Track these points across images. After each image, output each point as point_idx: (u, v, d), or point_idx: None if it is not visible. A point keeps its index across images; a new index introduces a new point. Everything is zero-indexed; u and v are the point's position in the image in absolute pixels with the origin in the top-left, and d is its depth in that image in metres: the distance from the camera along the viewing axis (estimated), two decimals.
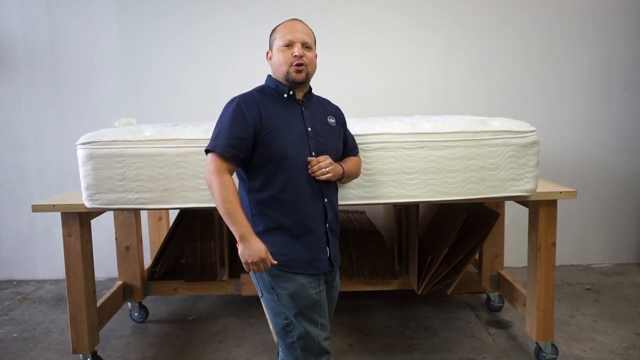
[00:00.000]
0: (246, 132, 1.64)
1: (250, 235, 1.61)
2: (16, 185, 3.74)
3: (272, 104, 1.72)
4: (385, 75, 3.70)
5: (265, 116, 1.68)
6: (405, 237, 2.89)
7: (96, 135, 2.09)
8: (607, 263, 3.92)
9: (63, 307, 3.24)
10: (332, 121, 1.83)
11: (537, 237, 2.28)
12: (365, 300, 3.21)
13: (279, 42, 1.73)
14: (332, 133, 1.81)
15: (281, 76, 1.74)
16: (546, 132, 3.64)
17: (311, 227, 1.70)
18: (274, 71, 1.78)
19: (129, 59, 3.66)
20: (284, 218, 1.68)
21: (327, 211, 1.73)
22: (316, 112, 1.80)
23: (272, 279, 1.69)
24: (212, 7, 3.61)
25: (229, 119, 1.66)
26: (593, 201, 3.84)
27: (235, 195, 1.62)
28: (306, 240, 1.70)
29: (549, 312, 2.32)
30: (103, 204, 2.09)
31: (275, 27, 1.79)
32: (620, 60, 3.74)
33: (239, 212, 1.61)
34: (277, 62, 1.73)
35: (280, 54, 1.72)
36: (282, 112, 1.71)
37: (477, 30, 3.69)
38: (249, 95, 1.74)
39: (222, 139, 1.64)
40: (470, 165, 2.11)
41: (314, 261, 1.71)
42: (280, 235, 1.68)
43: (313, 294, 1.69)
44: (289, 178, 1.66)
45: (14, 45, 3.63)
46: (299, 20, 1.79)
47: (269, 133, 1.66)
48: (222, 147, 1.63)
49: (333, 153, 1.78)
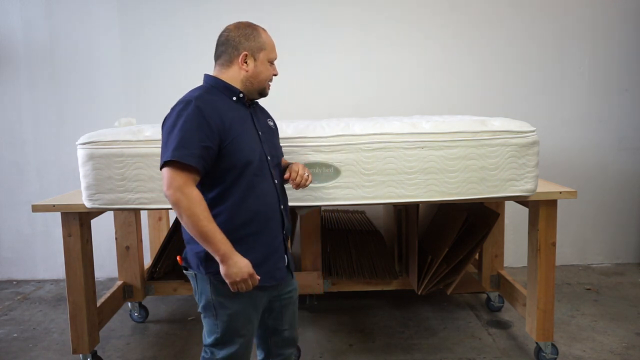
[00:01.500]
0: (212, 140, 1.49)
1: (233, 252, 1.49)
2: (16, 185, 3.74)
3: (227, 108, 1.59)
4: (385, 76, 3.70)
5: (228, 122, 1.55)
6: (405, 237, 2.89)
7: (96, 135, 2.09)
8: (607, 263, 3.92)
9: (63, 307, 3.24)
10: (271, 124, 1.79)
11: (537, 237, 2.28)
12: (365, 300, 3.21)
13: (269, 55, 1.66)
14: (275, 136, 1.78)
15: (256, 87, 1.65)
16: (546, 132, 3.64)
17: (270, 237, 1.63)
18: (248, 80, 1.64)
19: (130, 58, 3.66)
20: (243, 229, 1.58)
21: (283, 219, 1.69)
22: (260, 116, 1.74)
23: (217, 298, 1.59)
24: (212, 7, 3.61)
25: (191, 125, 1.48)
26: (593, 201, 3.84)
27: (208, 210, 1.48)
28: (265, 251, 1.63)
29: (549, 312, 2.32)
30: (103, 204, 2.09)
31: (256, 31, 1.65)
32: (620, 60, 3.74)
33: (217, 229, 1.48)
34: (262, 76, 1.65)
35: (268, 68, 1.66)
36: (238, 116, 1.61)
37: (477, 30, 3.69)
38: (203, 98, 1.55)
39: (188, 148, 1.46)
40: (470, 165, 2.11)
41: (273, 271, 1.65)
42: (239, 247, 1.54)
43: (252, 315, 1.64)
44: (250, 187, 1.58)
45: (14, 45, 3.63)
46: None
47: (232, 141, 1.54)
48: (191, 158, 1.45)
49: (280, 156, 1.77)
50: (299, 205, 2.15)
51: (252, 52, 1.63)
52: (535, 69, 3.72)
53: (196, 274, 1.62)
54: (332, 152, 2.08)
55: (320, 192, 2.11)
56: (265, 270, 1.62)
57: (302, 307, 3.05)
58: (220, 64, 1.66)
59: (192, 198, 1.46)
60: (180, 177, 1.46)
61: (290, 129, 2.14)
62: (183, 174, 1.46)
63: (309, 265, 2.78)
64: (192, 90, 1.63)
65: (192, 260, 1.61)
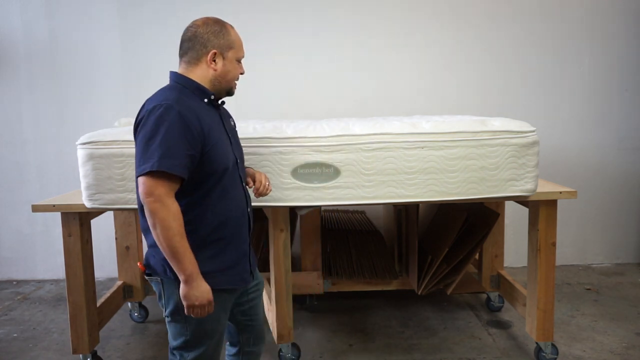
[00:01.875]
0: (195, 148, 1.44)
1: (199, 275, 1.45)
2: (16, 185, 3.74)
3: (203, 112, 1.52)
4: (385, 76, 3.70)
5: (207, 127, 1.49)
6: (405, 237, 2.89)
7: (96, 135, 2.09)
8: (607, 263, 3.92)
9: (63, 307, 3.24)
10: (233, 124, 1.76)
11: (537, 237, 2.28)
12: (365, 300, 3.21)
13: (238, 53, 1.61)
14: (238, 137, 1.76)
15: (224, 86, 1.60)
16: (546, 132, 3.64)
17: (240, 240, 1.62)
18: (216, 80, 1.58)
19: (129, 58, 3.66)
20: (217, 233, 1.54)
21: (250, 221, 1.67)
22: (226, 118, 1.69)
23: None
24: (212, 8, 3.61)
25: (176, 133, 1.41)
26: (593, 201, 3.84)
27: (183, 227, 1.42)
28: (236, 254, 1.61)
29: (549, 312, 2.32)
30: (103, 204, 2.09)
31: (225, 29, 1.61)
32: (620, 60, 3.74)
33: (188, 248, 1.43)
34: (230, 75, 1.60)
35: (236, 67, 1.61)
36: (212, 120, 1.55)
37: (477, 31, 3.68)
38: (182, 101, 1.48)
39: (175, 158, 1.40)
40: (470, 165, 2.11)
41: (242, 273, 1.63)
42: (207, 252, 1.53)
43: (222, 317, 1.61)
44: (224, 192, 1.55)
45: (14, 45, 3.63)
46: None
47: (213, 146, 1.49)
48: (179, 168, 1.40)
49: (244, 158, 1.76)
50: (299, 205, 2.15)
51: (221, 51, 1.58)
52: (535, 69, 3.72)
53: (162, 280, 1.55)
54: (332, 152, 2.08)
55: (320, 192, 2.11)
56: (236, 272, 1.61)
57: (302, 307, 3.05)
58: (187, 61, 1.59)
59: (171, 210, 1.40)
60: (163, 186, 1.40)
61: (290, 129, 2.14)
62: (166, 183, 1.40)
63: (309, 265, 2.79)
64: (164, 91, 1.55)
65: (157, 266, 1.54)
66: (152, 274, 1.57)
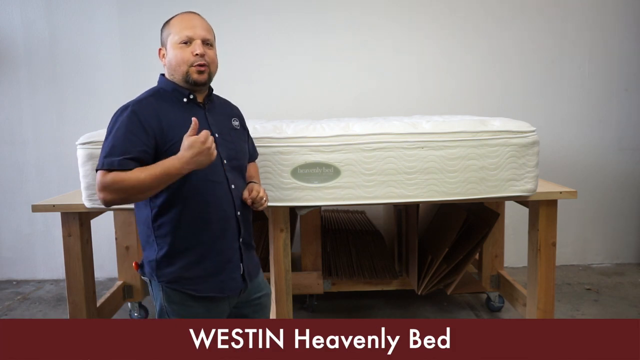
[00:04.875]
0: (146, 144, 1.43)
1: (173, 160, 1.39)
2: (16, 185, 3.74)
3: (172, 110, 1.51)
4: (385, 76, 3.70)
5: (167, 125, 1.46)
6: (405, 237, 2.89)
7: (96, 135, 2.09)
8: (607, 263, 3.92)
9: (63, 307, 3.24)
10: (236, 124, 1.69)
11: (537, 237, 2.28)
12: (365, 300, 3.21)
13: (174, 37, 1.52)
14: (239, 137, 1.67)
15: (179, 77, 1.53)
16: (546, 132, 3.64)
17: (222, 245, 1.54)
18: (170, 72, 1.55)
19: (130, 58, 3.66)
20: (191, 238, 1.50)
21: (240, 226, 1.58)
22: (220, 116, 1.63)
23: (169, 306, 1.53)
24: (213, 9, 3.61)
25: (123, 131, 1.43)
26: (593, 201, 3.84)
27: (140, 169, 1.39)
28: (217, 260, 1.54)
29: (549, 312, 2.32)
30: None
31: (168, 21, 1.59)
32: (620, 60, 3.74)
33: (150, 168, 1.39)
34: (175, 61, 1.52)
35: (178, 52, 1.51)
36: (184, 118, 1.48)
37: (477, 30, 3.68)
38: (144, 101, 1.50)
39: (117, 155, 1.40)
40: (471, 165, 2.11)
41: (226, 281, 1.56)
42: (187, 257, 1.51)
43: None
44: (198, 193, 1.49)
45: (14, 45, 3.63)
46: (197, 14, 1.60)
47: (173, 144, 1.44)
48: (119, 164, 1.39)
49: (243, 158, 1.66)
50: (299, 205, 2.15)
51: (163, 44, 1.58)
52: (535, 68, 3.72)
53: (150, 280, 1.56)
54: (332, 152, 2.08)
55: (320, 192, 2.11)
56: (218, 281, 1.55)
57: (302, 307, 3.05)
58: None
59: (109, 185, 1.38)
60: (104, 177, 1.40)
61: (290, 129, 2.14)
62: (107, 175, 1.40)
63: (309, 265, 2.78)
64: (143, 93, 1.58)
65: (146, 267, 1.56)
66: (143, 274, 1.58)
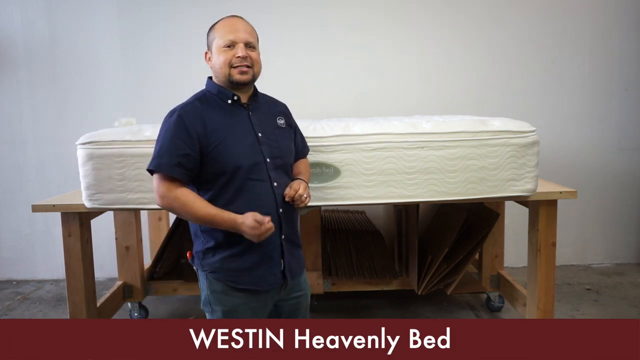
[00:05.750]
0: (191, 148, 1.53)
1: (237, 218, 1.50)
2: (16, 185, 3.74)
3: (216, 112, 1.60)
4: (385, 76, 3.70)
5: (211, 129, 1.56)
6: (405, 237, 2.89)
7: (96, 135, 2.09)
8: (607, 263, 3.92)
9: (63, 307, 3.24)
10: (281, 122, 1.74)
11: (537, 237, 2.28)
12: (365, 300, 3.21)
13: (219, 41, 1.61)
14: (284, 135, 1.72)
15: (223, 79, 1.61)
16: (546, 132, 3.64)
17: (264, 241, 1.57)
18: (215, 74, 1.65)
19: (130, 58, 3.66)
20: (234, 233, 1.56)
21: (281, 222, 1.63)
22: (264, 115, 1.70)
23: (211, 294, 1.62)
24: (212, 9, 3.61)
25: (170, 134, 1.54)
26: (593, 201, 3.84)
27: (199, 198, 1.54)
28: (257, 255, 1.60)
29: (549, 312, 2.32)
30: (103, 204, 2.09)
31: (212, 25, 1.67)
32: (620, 60, 3.74)
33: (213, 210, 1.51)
34: (218, 64, 1.60)
35: (222, 55, 1.60)
36: (228, 120, 1.60)
37: (477, 30, 3.68)
38: (189, 105, 1.60)
39: (165, 157, 1.53)
40: (471, 165, 2.11)
41: (265, 276, 1.62)
42: (229, 250, 1.59)
43: (246, 315, 1.62)
44: (241, 191, 1.56)
45: (14, 45, 3.63)
46: (240, 18, 1.68)
47: (216, 147, 1.55)
48: (168, 167, 1.52)
49: (288, 156, 1.70)
50: None
51: (209, 48, 1.66)
52: (535, 68, 3.72)
53: (198, 270, 1.67)
54: (332, 152, 2.08)
55: (320, 192, 2.11)
56: (257, 275, 1.62)
57: None
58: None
59: (177, 198, 1.52)
60: (164, 184, 1.53)
61: None
62: (166, 181, 1.53)
63: (309, 265, 2.78)
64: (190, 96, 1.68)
65: (195, 257, 1.67)
66: (193, 264, 1.68)
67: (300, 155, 1.85)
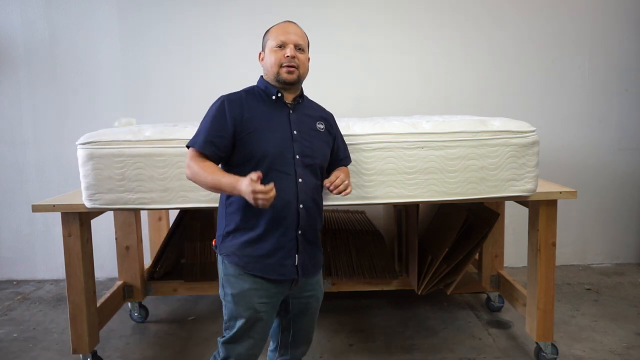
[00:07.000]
0: (225, 130, 1.66)
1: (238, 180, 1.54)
2: (16, 185, 3.74)
3: (258, 105, 1.73)
4: (385, 76, 3.71)
5: (248, 117, 1.68)
6: (405, 237, 2.89)
7: (96, 135, 2.09)
8: (607, 263, 3.92)
9: (63, 307, 3.24)
10: (321, 127, 1.81)
11: (537, 237, 2.28)
12: (365, 300, 3.21)
13: (271, 42, 1.73)
14: (320, 138, 1.79)
15: (272, 77, 1.73)
16: (546, 132, 3.64)
17: (278, 232, 1.67)
18: (265, 72, 1.78)
19: (130, 58, 3.66)
20: (252, 219, 1.67)
21: (299, 217, 1.69)
22: (305, 116, 1.78)
23: (224, 277, 1.72)
24: (213, 9, 3.61)
25: (210, 117, 1.69)
26: (593, 201, 3.84)
27: (210, 166, 1.63)
28: (270, 244, 1.67)
29: (549, 312, 2.32)
30: (103, 204, 2.09)
31: (268, 29, 1.79)
32: (620, 60, 3.74)
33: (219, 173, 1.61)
34: (269, 62, 1.73)
35: (272, 55, 1.72)
36: (267, 113, 1.71)
37: (477, 31, 3.69)
38: (235, 95, 1.75)
39: (202, 135, 1.67)
40: (471, 165, 2.11)
41: (275, 266, 1.68)
42: (245, 236, 1.68)
43: (256, 303, 1.68)
44: (264, 178, 1.60)
45: (14, 45, 3.63)
46: (293, 23, 1.79)
47: (250, 133, 1.66)
48: (201, 144, 1.65)
49: (319, 158, 1.76)
50: None
51: (263, 48, 1.79)
52: (535, 68, 3.73)
53: (217, 254, 1.76)
54: None
55: None
56: (268, 263, 1.68)
57: None
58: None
59: (192, 166, 1.64)
60: (193, 158, 1.66)
61: None
62: (195, 155, 1.66)
63: None
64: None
65: (217, 241, 1.77)
66: (216, 250, 1.77)
67: (341, 163, 1.92)
